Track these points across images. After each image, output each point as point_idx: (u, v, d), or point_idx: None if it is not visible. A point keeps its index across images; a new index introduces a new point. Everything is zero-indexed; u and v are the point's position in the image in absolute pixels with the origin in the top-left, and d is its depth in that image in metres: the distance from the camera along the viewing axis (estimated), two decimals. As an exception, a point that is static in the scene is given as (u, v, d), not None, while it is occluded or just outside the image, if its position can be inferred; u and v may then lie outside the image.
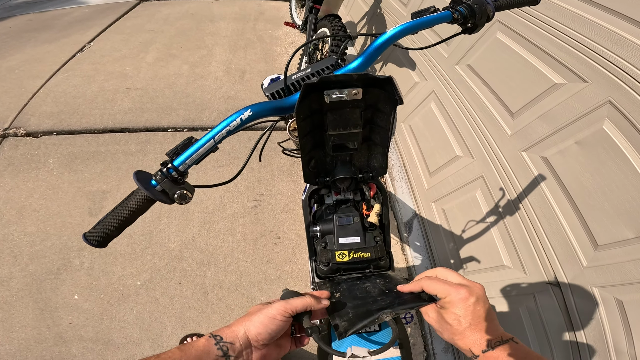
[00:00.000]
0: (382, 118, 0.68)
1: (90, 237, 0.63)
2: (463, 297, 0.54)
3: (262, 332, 0.54)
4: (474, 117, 1.52)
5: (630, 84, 0.92)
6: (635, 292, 0.92)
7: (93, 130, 2.51)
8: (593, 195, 1.02)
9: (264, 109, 0.70)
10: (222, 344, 0.51)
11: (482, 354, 0.51)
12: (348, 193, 0.86)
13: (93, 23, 3.84)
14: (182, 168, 0.65)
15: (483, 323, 0.53)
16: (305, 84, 0.58)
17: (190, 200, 0.68)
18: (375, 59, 0.76)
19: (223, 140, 0.71)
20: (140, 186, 0.62)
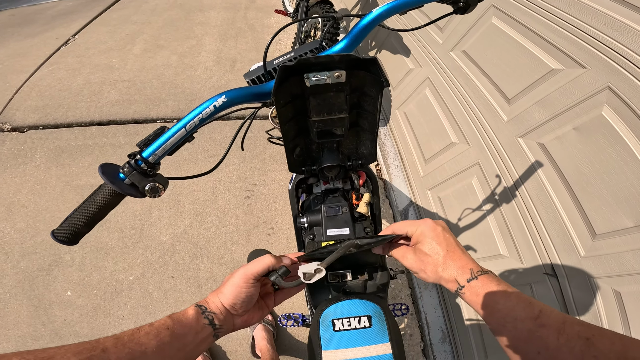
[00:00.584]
0: (369, 102, 0.64)
1: (59, 234, 0.61)
2: (431, 226, 0.56)
3: (235, 302, 0.54)
4: (469, 104, 1.48)
5: (630, 70, 0.88)
6: (634, 283, 0.89)
7: (80, 124, 2.46)
8: (591, 183, 0.99)
9: (239, 95, 0.66)
10: (207, 313, 0.53)
11: (467, 283, 0.51)
12: (337, 182, 0.83)
13: (77, 16, 3.74)
14: (152, 159, 0.62)
15: (458, 251, 0.54)
16: (281, 67, 0.54)
17: (163, 193, 0.65)
18: (361, 41, 0.71)
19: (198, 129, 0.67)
20: (106, 180, 0.58)
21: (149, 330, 0.46)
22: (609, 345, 0.38)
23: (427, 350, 1.65)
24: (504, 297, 0.47)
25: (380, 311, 0.66)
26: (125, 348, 0.41)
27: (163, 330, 0.46)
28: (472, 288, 0.50)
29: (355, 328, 0.65)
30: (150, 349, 0.43)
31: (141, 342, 0.43)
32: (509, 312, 0.46)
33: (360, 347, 0.63)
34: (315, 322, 0.67)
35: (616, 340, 0.38)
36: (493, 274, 0.51)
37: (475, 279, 0.50)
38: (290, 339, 1.67)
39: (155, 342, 0.45)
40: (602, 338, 0.39)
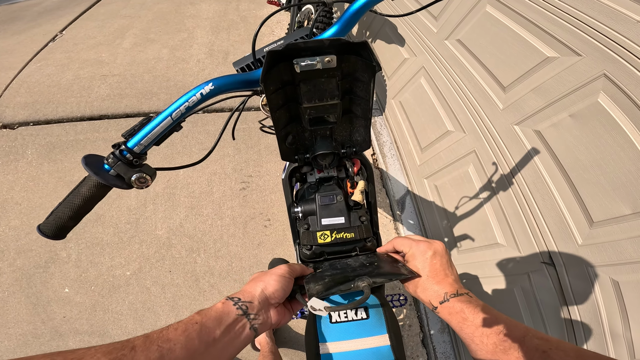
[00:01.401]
0: (362, 88, 0.62)
1: (45, 229, 0.60)
2: (422, 250, 0.61)
3: (278, 289, 0.56)
4: (464, 92, 1.47)
5: (626, 57, 0.87)
6: (632, 272, 0.88)
7: (70, 119, 2.42)
8: (588, 169, 0.98)
9: (227, 83, 0.65)
10: (240, 303, 0.52)
11: (439, 305, 0.56)
12: (331, 170, 0.81)
13: (64, 12, 3.65)
14: (137, 149, 0.61)
15: (440, 276, 0.58)
16: (268, 52, 0.52)
17: (151, 184, 0.64)
18: (353, 26, 0.70)
19: (186, 118, 0.66)
20: (90, 172, 0.57)
21: (177, 326, 0.45)
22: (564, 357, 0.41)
23: (427, 340, 1.66)
24: (473, 314, 0.52)
25: (378, 302, 0.65)
26: (154, 345, 0.41)
27: (191, 325, 0.46)
28: (445, 309, 0.55)
29: (352, 320, 0.64)
30: (178, 344, 0.43)
31: (169, 338, 0.43)
32: (476, 328, 0.50)
33: (358, 339, 0.62)
34: (311, 315, 0.66)
35: (571, 353, 0.41)
36: (467, 296, 0.55)
37: (447, 301, 0.55)
38: (289, 331, 1.68)
39: (184, 337, 0.44)
40: (557, 351, 0.42)
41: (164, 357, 0.40)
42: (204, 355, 0.45)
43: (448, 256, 0.62)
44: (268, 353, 1.39)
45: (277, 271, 0.59)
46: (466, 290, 0.57)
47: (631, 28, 0.86)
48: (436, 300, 0.56)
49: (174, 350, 0.42)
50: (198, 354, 0.44)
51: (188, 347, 0.43)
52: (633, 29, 0.85)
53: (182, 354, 0.42)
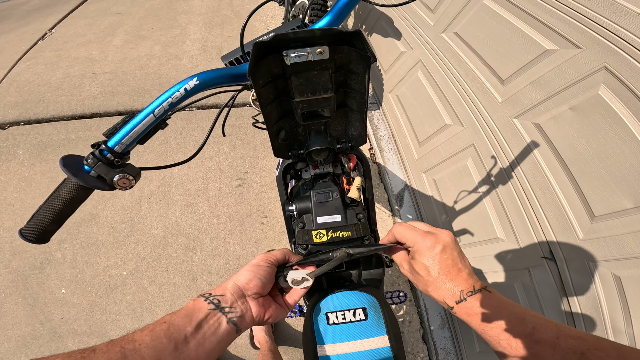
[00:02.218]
0: (356, 80, 0.59)
1: (26, 233, 0.58)
2: (429, 246, 0.54)
3: (251, 279, 0.53)
4: (462, 85, 1.45)
5: (627, 50, 0.85)
6: (634, 267, 0.87)
7: (61, 118, 2.38)
8: (589, 163, 0.96)
9: (213, 77, 0.62)
10: (211, 298, 0.50)
11: (456, 305, 0.51)
12: (327, 166, 0.78)
13: (53, 10, 3.58)
14: (118, 149, 0.58)
15: (452, 273, 0.53)
16: (255, 43, 0.48)
17: (135, 184, 0.62)
18: (346, 16, 0.67)
19: (170, 115, 0.63)
20: (68, 173, 0.55)
21: (144, 328, 0.44)
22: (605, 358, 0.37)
23: (427, 336, 1.66)
24: (496, 315, 0.47)
25: (376, 302, 0.64)
26: (116, 347, 0.39)
27: (158, 325, 0.44)
28: (462, 309, 0.50)
29: (350, 321, 0.62)
30: (143, 344, 0.41)
31: (134, 339, 0.41)
32: (502, 331, 0.46)
33: (357, 341, 0.60)
34: (309, 316, 0.64)
35: (612, 353, 0.37)
36: (486, 291, 0.50)
37: (464, 300, 0.50)
38: (288, 330, 1.67)
39: (149, 337, 0.42)
40: (597, 351, 0.38)
41: (127, 357, 0.39)
42: (175, 354, 0.43)
43: (458, 247, 0.56)
44: (267, 351, 1.38)
45: (251, 261, 0.57)
46: (484, 284, 0.52)
47: (632, 20, 0.84)
48: (451, 299, 0.52)
49: (139, 350, 0.40)
50: (166, 353, 0.42)
51: (154, 346, 0.41)
52: (634, 21, 0.83)
53: (147, 353, 0.40)
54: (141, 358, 0.39)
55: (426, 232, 0.57)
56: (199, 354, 0.45)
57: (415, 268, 0.56)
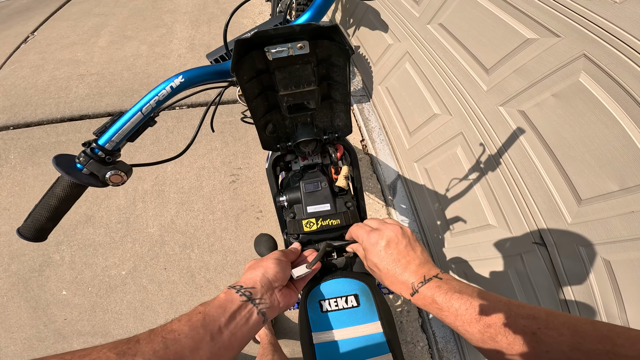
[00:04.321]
0: (338, 72, 0.61)
1: (24, 231, 0.60)
2: (373, 242, 0.56)
3: (278, 271, 0.56)
4: (449, 75, 1.46)
5: (604, 38, 0.87)
6: (623, 251, 0.88)
7: (50, 121, 2.36)
8: (573, 147, 0.98)
9: (198, 74, 0.64)
10: (243, 290, 0.52)
11: (411, 297, 0.51)
12: (315, 157, 0.80)
13: (34, 13, 3.52)
14: (109, 146, 0.61)
15: (401, 266, 0.53)
16: (237, 40, 0.50)
17: (127, 180, 0.64)
18: (326, 11, 0.69)
19: (158, 112, 0.66)
20: (61, 171, 0.57)
21: (181, 318, 0.45)
22: (558, 337, 0.37)
23: (426, 325, 1.68)
24: (448, 302, 0.47)
25: (367, 289, 0.65)
26: (157, 337, 0.41)
27: (194, 316, 0.45)
28: (418, 300, 0.51)
29: (343, 308, 0.64)
30: (182, 334, 0.42)
31: (173, 329, 0.43)
32: (455, 317, 0.46)
33: (350, 327, 0.62)
34: (303, 304, 0.66)
35: (565, 330, 0.37)
36: (437, 279, 0.50)
37: (417, 292, 0.50)
38: (288, 322, 1.70)
39: (187, 327, 0.43)
40: (548, 330, 0.37)
41: (169, 347, 0.40)
42: (211, 344, 0.44)
43: (407, 239, 0.56)
44: (267, 345, 1.41)
45: (273, 255, 0.60)
46: (435, 271, 0.52)
47: (608, 9, 0.85)
48: (406, 292, 0.52)
49: (179, 340, 0.41)
50: (204, 342, 0.44)
51: (192, 336, 0.43)
52: (610, 9, 0.85)
53: (187, 342, 0.42)
54: (181, 347, 0.41)
55: (372, 229, 0.58)
56: (232, 343, 0.47)
57: (369, 265, 0.58)
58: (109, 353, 0.36)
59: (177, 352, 0.40)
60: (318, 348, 0.62)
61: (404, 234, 0.57)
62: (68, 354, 0.35)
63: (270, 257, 0.59)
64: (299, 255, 0.68)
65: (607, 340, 0.34)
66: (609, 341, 0.34)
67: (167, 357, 0.39)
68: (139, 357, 0.37)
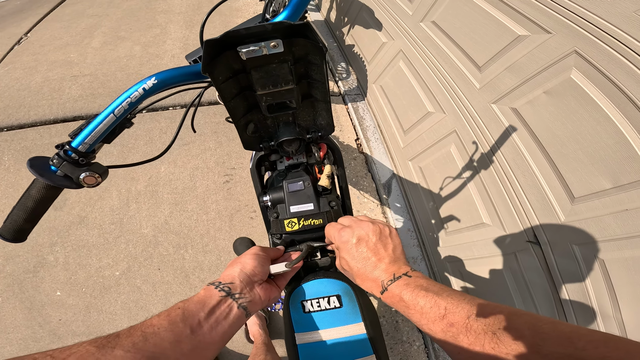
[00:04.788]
0: (316, 70, 0.60)
1: (3, 232, 0.61)
2: (345, 240, 0.56)
3: (256, 266, 0.57)
4: (442, 73, 1.46)
5: (595, 34, 0.86)
6: (616, 249, 0.87)
7: (44, 122, 2.35)
8: (566, 145, 0.97)
9: (172, 76, 0.63)
10: (222, 285, 0.53)
11: (381, 295, 0.51)
12: (300, 156, 0.80)
13: (27, 14, 3.51)
14: (82, 148, 0.61)
15: (371, 263, 0.53)
16: (206, 41, 0.49)
17: (102, 181, 0.64)
18: (304, 9, 0.67)
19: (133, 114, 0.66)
20: (35, 174, 0.58)
21: (160, 314, 0.46)
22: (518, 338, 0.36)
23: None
24: (414, 300, 0.47)
25: (350, 290, 0.64)
26: (137, 331, 0.42)
27: (173, 311, 0.46)
28: (387, 298, 0.51)
29: (325, 309, 0.63)
30: (162, 328, 0.43)
31: (152, 323, 0.43)
32: (421, 315, 0.46)
33: (333, 328, 0.62)
34: (286, 305, 0.66)
35: (525, 331, 0.36)
36: (406, 277, 0.50)
37: (386, 290, 0.50)
38: (281, 323, 1.69)
39: (167, 321, 0.44)
40: (509, 331, 0.37)
41: (148, 339, 0.41)
42: (192, 337, 0.45)
43: (377, 236, 0.55)
44: (261, 344, 1.40)
45: (251, 251, 0.60)
46: (405, 269, 0.51)
47: (599, 5, 0.84)
48: (377, 290, 0.52)
49: (158, 333, 0.42)
50: (184, 336, 0.44)
51: (172, 329, 0.44)
52: (601, 5, 0.84)
53: (167, 336, 0.43)
54: (161, 339, 0.42)
55: (343, 227, 0.58)
56: (213, 336, 0.47)
57: (341, 263, 0.58)
58: (89, 347, 0.37)
59: (157, 344, 0.41)
60: (301, 349, 0.61)
61: (375, 231, 0.56)
62: (52, 350, 0.36)
63: (247, 253, 0.60)
64: (282, 254, 0.68)
65: (569, 343, 0.33)
66: (570, 344, 0.33)
67: (146, 349, 0.40)
68: (118, 349, 0.38)
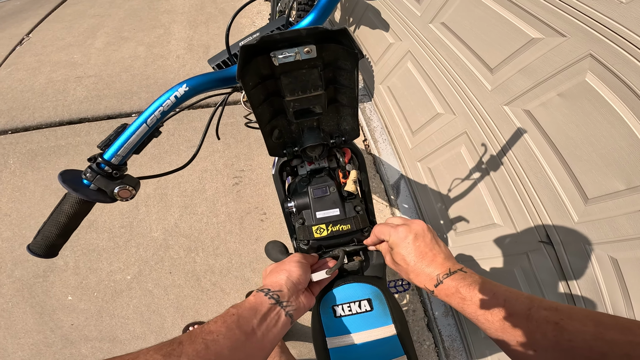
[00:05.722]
0: (346, 76, 0.60)
1: (35, 248, 0.59)
2: (402, 236, 0.58)
3: (302, 274, 0.59)
4: (452, 74, 1.46)
5: (610, 38, 0.87)
6: (630, 249, 0.89)
7: (49, 124, 2.34)
8: (580, 147, 0.98)
9: (203, 82, 0.62)
10: (271, 293, 0.54)
11: (435, 288, 0.54)
12: (322, 161, 0.80)
13: (28, 14, 3.47)
14: (115, 161, 0.59)
15: (428, 258, 0.56)
16: (242, 46, 0.49)
17: (135, 194, 0.63)
18: (330, 12, 0.67)
19: (163, 122, 0.64)
20: (68, 189, 0.56)
21: (217, 319, 0.47)
22: (581, 327, 0.38)
23: (432, 324, 1.69)
24: (470, 292, 0.49)
25: (380, 293, 0.66)
26: (198, 338, 0.43)
27: (229, 317, 0.48)
28: (441, 291, 0.53)
29: (356, 313, 0.64)
30: (221, 335, 0.45)
31: (211, 330, 0.45)
32: (477, 307, 0.48)
33: (364, 331, 0.63)
34: (316, 310, 0.66)
35: (587, 322, 0.38)
36: (461, 272, 0.53)
37: (441, 283, 0.53)
38: (295, 325, 1.70)
39: (224, 328, 0.46)
40: (571, 321, 0.39)
41: (209, 347, 0.42)
42: (246, 344, 0.46)
43: (432, 234, 0.59)
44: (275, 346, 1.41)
45: (294, 258, 0.62)
46: (460, 266, 0.54)
47: (615, 9, 0.85)
48: (430, 283, 0.54)
49: (218, 341, 0.44)
50: (240, 342, 0.46)
51: (230, 336, 0.45)
52: (617, 9, 0.84)
53: (225, 343, 0.44)
54: (220, 347, 0.43)
55: (399, 225, 0.61)
56: (265, 343, 0.49)
57: (395, 259, 0.60)
58: (155, 355, 0.39)
59: (217, 352, 0.43)
60: (332, 353, 0.62)
61: (430, 230, 0.60)
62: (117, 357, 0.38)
63: (292, 260, 0.62)
64: (317, 261, 0.70)
65: (628, 331, 0.35)
66: (630, 332, 0.35)
67: (208, 357, 0.41)
68: (184, 357, 0.40)
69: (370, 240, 0.69)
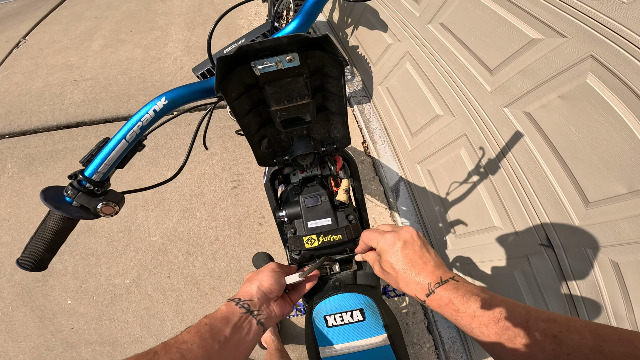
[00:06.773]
0: (333, 83, 0.58)
1: (24, 262, 0.59)
2: (390, 243, 0.56)
3: (273, 283, 0.60)
4: (451, 76, 1.45)
5: (612, 38, 0.85)
6: (631, 253, 0.88)
7: (46, 128, 2.33)
8: (581, 149, 0.97)
9: (183, 94, 0.59)
10: (242, 302, 0.55)
11: (426, 298, 0.51)
12: (314, 169, 0.78)
13: (24, 17, 3.48)
14: (96, 177, 0.57)
15: (417, 266, 0.53)
16: (219, 58, 0.46)
17: (119, 210, 0.61)
18: (315, 17, 0.63)
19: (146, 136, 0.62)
20: (50, 207, 0.55)
21: (190, 329, 0.48)
22: (579, 340, 0.37)
23: (432, 326, 1.68)
24: (464, 304, 0.47)
25: (372, 303, 0.65)
26: (173, 348, 0.44)
27: (202, 327, 0.49)
28: (433, 301, 0.50)
29: (348, 323, 0.63)
30: (195, 344, 0.46)
31: (185, 340, 0.46)
32: (472, 318, 0.45)
33: (357, 341, 0.62)
34: (308, 319, 0.66)
35: (586, 334, 0.37)
36: (453, 281, 0.50)
37: (433, 292, 0.50)
38: (294, 328, 1.69)
39: (198, 337, 0.47)
40: (570, 333, 0.38)
41: (185, 356, 0.43)
42: (220, 353, 0.47)
43: (421, 241, 0.56)
44: (274, 351, 1.41)
45: (268, 267, 0.63)
46: (451, 274, 0.52)
47: (616, 9, 0.84)
48: (422, 293, 0.52)
49: (192, 350, 0.45)
50: (214, 351, 0.47)
51: (204, 345, 0.46)
52: (618, 10, 0.83)
53: (200, 352, 0.45)
54: (195, 356, 0.44)
55: (387, 232, 0.59)
56: (238, 351, 0.51)
57: (384, 267, 0.57)
58: None
59: None
60: None
61: (419, 236, 0.57)
62: None
63: (265, 269, 0.63)
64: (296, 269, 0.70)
65: (629, 344, 0.34)
66: (630, 344, 0.34)
67: None
68: None
69: (359, 248, 0.66)
